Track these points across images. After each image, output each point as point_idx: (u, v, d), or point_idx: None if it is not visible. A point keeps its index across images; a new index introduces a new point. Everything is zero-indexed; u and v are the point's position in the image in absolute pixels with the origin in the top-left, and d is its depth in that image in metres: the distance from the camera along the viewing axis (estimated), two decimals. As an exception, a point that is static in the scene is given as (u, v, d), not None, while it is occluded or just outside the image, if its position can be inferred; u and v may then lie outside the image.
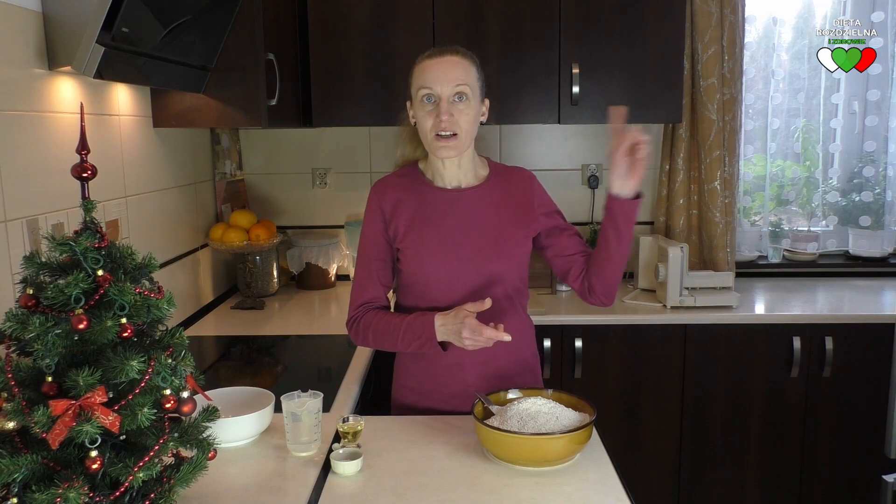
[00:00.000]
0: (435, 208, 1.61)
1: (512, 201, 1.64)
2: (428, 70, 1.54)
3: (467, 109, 1.53)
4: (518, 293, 1.67)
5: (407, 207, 1.62)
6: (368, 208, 1.66)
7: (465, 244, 1.59)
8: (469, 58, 1.57)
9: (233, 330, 2.41)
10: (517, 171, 1.70)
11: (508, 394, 1.50)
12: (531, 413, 1.38)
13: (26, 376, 0.96)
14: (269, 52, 2.14)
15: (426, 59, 1.56)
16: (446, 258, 1.59)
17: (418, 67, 1.57)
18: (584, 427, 1.33)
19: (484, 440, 1.37)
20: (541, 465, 1.33)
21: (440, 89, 1.52)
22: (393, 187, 1.65)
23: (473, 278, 1.59)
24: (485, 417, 1.41)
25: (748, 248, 3.07)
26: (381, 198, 1.64)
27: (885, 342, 2.40)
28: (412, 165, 1.68)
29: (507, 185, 1.65)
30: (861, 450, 2.53)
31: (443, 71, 1.53)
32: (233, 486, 1.28)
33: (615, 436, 2.51)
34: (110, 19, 1.49)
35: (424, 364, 1.66)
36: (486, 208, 1.62)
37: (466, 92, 1.53)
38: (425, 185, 1.64)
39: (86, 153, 1.00)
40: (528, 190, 1.66)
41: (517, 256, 1.63)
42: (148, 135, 2.16)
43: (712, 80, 2.72)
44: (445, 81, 1.52)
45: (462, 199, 1.62)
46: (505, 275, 1.62)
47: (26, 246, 1.51)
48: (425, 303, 1.62)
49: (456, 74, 1.52)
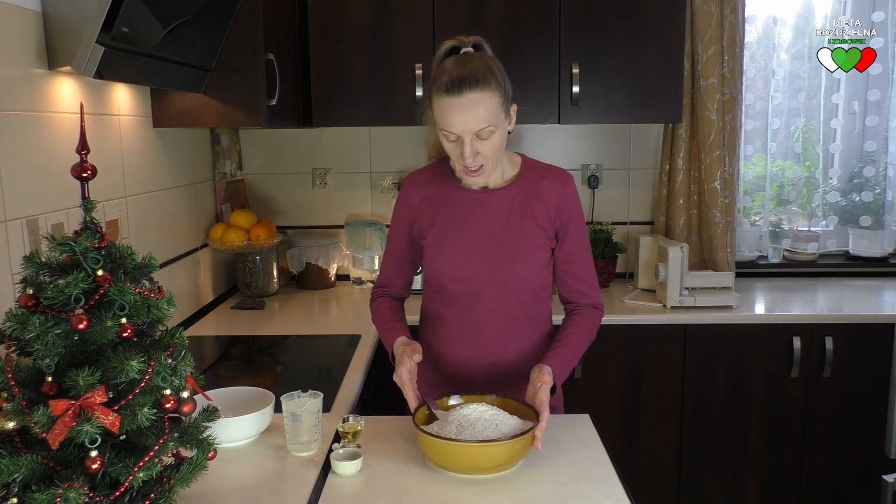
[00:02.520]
0: (459, 209, 1.61)
1: (537, 204, 1.59)
2: (447, 111, 1.44)
3: (491, 141, 1.47)
4: (535, 299, 1.64)
5: (433, 205, 1.63)
6: (399, 199, 1.69)
7: (483, 248, 1.59)
8: (491, 84, 1.44)
9: (233, 330, 2.41)
10: (552, 172, 1.64)
11: (450, 400, 1.48)
12: (471, 420, 1.36)
13: (26, 376, 0.96)
14: (269, 52, 2.14)
15: (444, 96, 1.43)
16: (463, 260, 1.59)
17: (437, 101, 1.45)
18: (521, 435, 1.29)
19: (421, 445, 1.35)
20: (475, 472, 1.30)
21: (461, 132, 1.44)
22: (421, 185, 1.66)
23: (488, 282, 1.59)
24: (430, 421, 1.40)
25: (748, 248, 3.07)
26: (411, 191, 1.66)
27: (885, 342, 2.40)
28: (444, 159, 1.65)
29: (536, 187, 1.60)
30: (861, 450, 2.53)
31: (463, 115, 1.43)
32: (233, 486, 1.28)
33: (615, 436, 2.51)
34: (110, 19, 1.49)
35: (436, 363, 1.68)
36: (508, 211, 1.59)
37: (490, 129, 1.45)
38: (452, 183, 1.63)
39: (86, 153, 1.00)
40: (558, 195, 1.60)
41: (534, 263, 1.60)
42: (148, 135, 2.16)
43: (712, 80, 2.72)
44: (466, 125, 1.43)
45: (486, 202, 1.60)
46: (520, 280, 1.60)
47: (26, 246, 1.51)
48: (442, 299, 1.64)
49: (477, 117, 1.43)
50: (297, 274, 2.94)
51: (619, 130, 2.98)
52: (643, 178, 3.01)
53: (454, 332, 1.64)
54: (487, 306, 1.60)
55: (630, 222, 3.03)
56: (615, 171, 3.00)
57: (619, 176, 3.00)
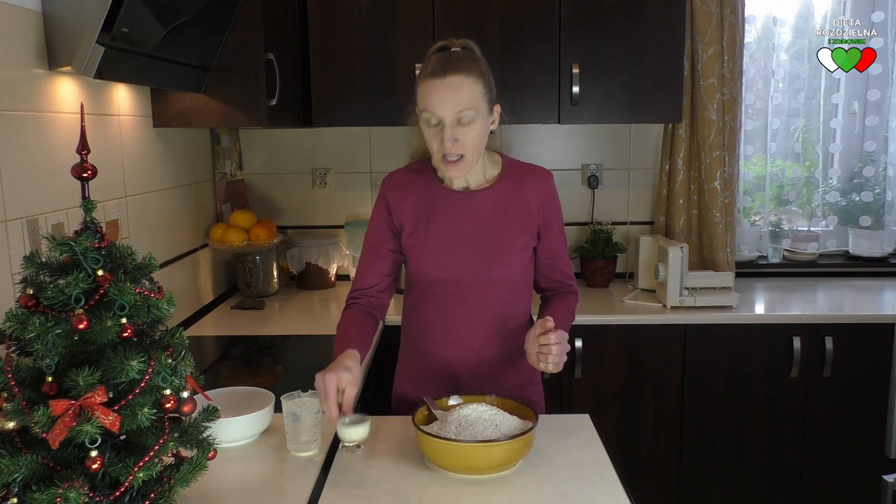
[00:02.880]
0: (441, 210, 1.61)
1: (520, 205, 1.60)
2: (430, 92, 1.46)
3: (472, 130, 1.48)
4: (518, 297, 1.66)
5: (414, 205, 1.62)
6: (377, 200, 1.68)
7: (466, 248, 1.59)
8: (475, 73, 1.48)
9: (233, 330, 2.41)
10: (533, 171, 1.65)
11: (450, 400, 1.47)
12: (470, 420, 1.36)
13: (26, 376, 0.96)
14: (269, 52, 2.14)
15: (429, 78, 1.47)
16: (445, 261, 1.59)
17: (421, 85, 1.49)
18: (521, 435, 1.29)
19: (421, 446, 1.35)
20: (475, 473, 1.30)
21: (442, 114, 1.45)
22: (402, 183, 1.65)
23: (472, 282, 1.59)
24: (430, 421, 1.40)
25: (748, 248, 3.07)
26: (389, 192, 1.65)
27: (885, 342, 2.40)
28: (426, 161, 1.66)
29: (518, 187, 1.61)
30: (861, 450, 2.53)
31: (445, 95, 1.45)
32: (233, 486, 1.28)
33: (615, 436, 2.51)
34: (110, 19, 1.49)
35: (420, 362, 1.68)
36: (491, 212, 1.60)
37: (471, 115, 1.46)
38: (434, 184, 1.63)
39: (86, 153, 1.00)
40: (540, 193, 1.61)
41: (518, 262, 1.62)
42: (148, 135, 2.16)
43: (712, 80, 2.72)
44: (448, 106, 1.45)
45: (469, 202, 1.60)
46: (503, 280, 1.61)
47: (26, 246, 1.51)
48: (425, 299, 1.64)
49: (459, 98, 1.45)
50: (297, 274, 2.94)
51: (619, 130, 2.97)
52: (643, 178, 3.01)
53: (437, 331, 1.64)
54: (470, 306, 1.60)
55: (630, 222, 3.03)
56: (615, 171, 3.00)
57: (619, 176, 3.00)
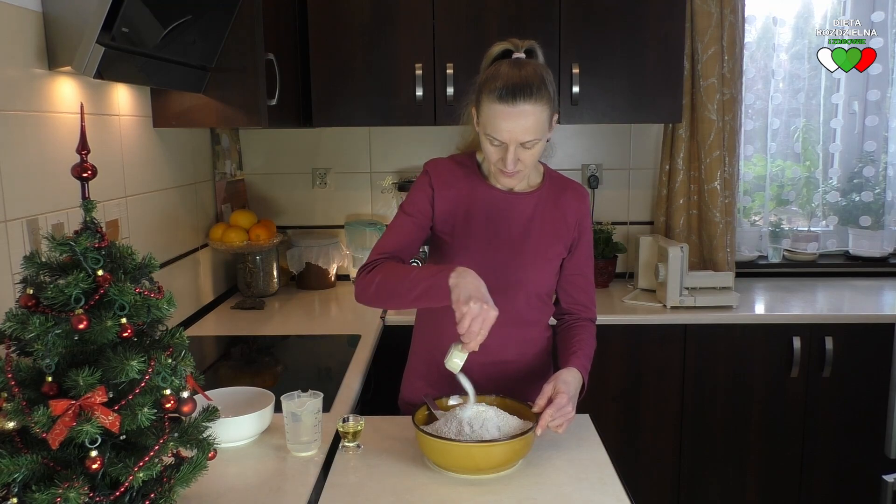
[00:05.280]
0: (482, 207, 1.60)
1: (558, 214, 1.62)
2: (498, 118, 1.43)
3: (534, 151, 1.48)
4: (541, 303, 1.66)
5: (457, 195, 1.60)
6: (420, 177, 1.63)
7: (503, 248, 1.58)
8: (544, 98, 1.44)
9: (233, 330, 2.41)
10: (572, 186, 1.67)
11: (450, 400, 1.47)
12: (470, 420, 1.36)
13: (26, 376, 0.96)
14: (269, 52, 2.14)
15: (497, 103, 1.43)
16: (482, 257, 1.57)
17: (488, 104, 1.45)
18: (521, 435, 1.29)
19: (421, 446, 1.35)
20: (475, 473, 1.30)
21: (509, 140, 1.44)
22: (448, 171, 1.62)
23: (502, 281, 1.56)
24: (430, 421, 1.40)
25: (748, 248, 3.07)
26: (435, 174, 1.60)
27: (885, 342, 2.40)
28: (470, 154, 1.65)
29: (558, 199, 1.63)
30: (861, 450, 2.53)
31: (515, 123, 1.42)
32: (233, 486, 1.28)
33: (615, 436, 2.51)
34: (110, 19, 1.49)
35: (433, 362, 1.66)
36: (531, 217, 1.60)
37: (536, 140, 1.46)
38: (478, 180, 1.61)
39: (86, 153, 1.00)
40: (577, 209, 1.64)
41: (549, 269, 1.63)
42: (148, 135, 2.16)
43: (712, 80, 2.72)
44: (515, 134, 1.43)
45: (511, 203, 1.60)
46: (532, 284, 1.61)
47: (26, 246, 1.51)
48: None
49: (527, 127, 1.43)
50: (297, 274, 2.94)
51: (619, 130, 2.97)
52: (643, 178, 3.01)
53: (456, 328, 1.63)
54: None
55: (630, 222, 3.03)
56: (615, 171, 3.00)
57: (619, 176, 3.00)
